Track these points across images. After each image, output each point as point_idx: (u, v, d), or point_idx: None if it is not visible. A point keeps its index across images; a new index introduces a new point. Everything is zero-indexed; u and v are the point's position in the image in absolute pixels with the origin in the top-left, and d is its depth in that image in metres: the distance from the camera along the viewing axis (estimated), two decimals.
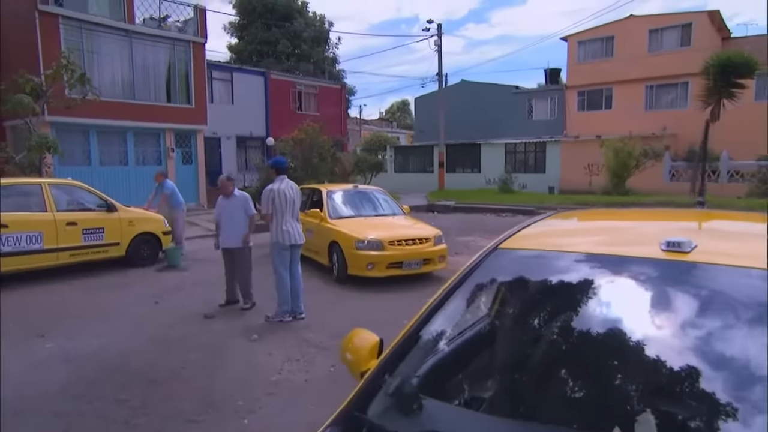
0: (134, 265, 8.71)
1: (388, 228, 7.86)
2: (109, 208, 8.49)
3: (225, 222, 6.27)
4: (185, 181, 17.01)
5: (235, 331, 5.40)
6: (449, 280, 1.87)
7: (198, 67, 17.13)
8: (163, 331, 5.38)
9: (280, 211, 5.68)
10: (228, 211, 6.27)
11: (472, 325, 1.75)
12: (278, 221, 5.69)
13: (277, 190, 5.72)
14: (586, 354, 1.44)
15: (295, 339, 5.11)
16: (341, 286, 7.32)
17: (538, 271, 1.78)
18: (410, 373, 1.57)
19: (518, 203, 17.99)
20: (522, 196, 20.24)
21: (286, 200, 5.74)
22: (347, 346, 1.89)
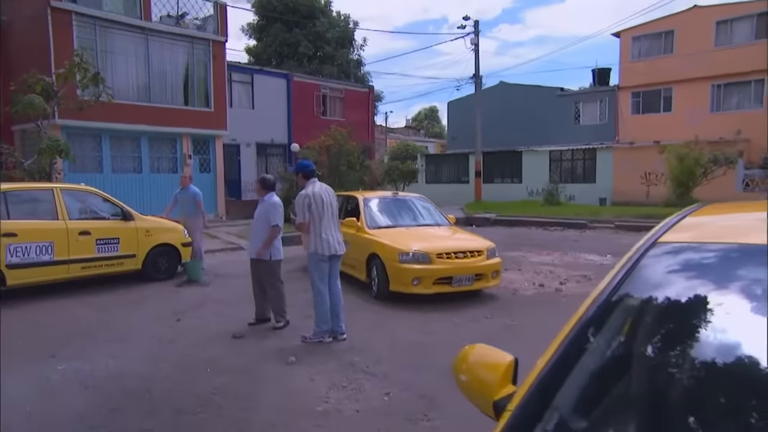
0: (151, 279, 8.59)
1: (434, 239, 7.57)
2: (125, 217, 8.40)
3: (253, 228, 6.07)
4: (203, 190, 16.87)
5: (268, 352, 5.14)
6: (602, 283, 1.51)
7: (218, 68, 17.27)
8: (187, 352, 5.15)
9: (317, 217, 5.47)
10: (256, 215, 6.09)
11: (656, 341, 1.39)
12: (316, 229, 5.47)
13: (312, 195, 5.50)
14: None
15: (337, 363, 4.81)
16: (382, 303, 7.02)
17: (730, 268, 1.43)
18: (581, 409, 1.22)
19: (568, 216, 17.44)
20: (571, 208, 19.67)
21: (323, 205, 5.53)
22: (463, 366, 1.55)
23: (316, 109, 23.93)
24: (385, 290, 7.16)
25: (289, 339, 5.56)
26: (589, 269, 9.40)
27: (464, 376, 1.52)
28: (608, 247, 12.04)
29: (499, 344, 4.49)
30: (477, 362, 1.51)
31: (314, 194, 5.50)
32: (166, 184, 16.34)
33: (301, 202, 5.48)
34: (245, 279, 8.75)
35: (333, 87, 25.03)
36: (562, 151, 25.39)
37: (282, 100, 22.63)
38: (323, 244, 5.46)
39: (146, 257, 8.57)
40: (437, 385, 4.26)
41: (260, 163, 21.97)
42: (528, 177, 26.67)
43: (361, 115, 25.35)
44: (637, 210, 17.21)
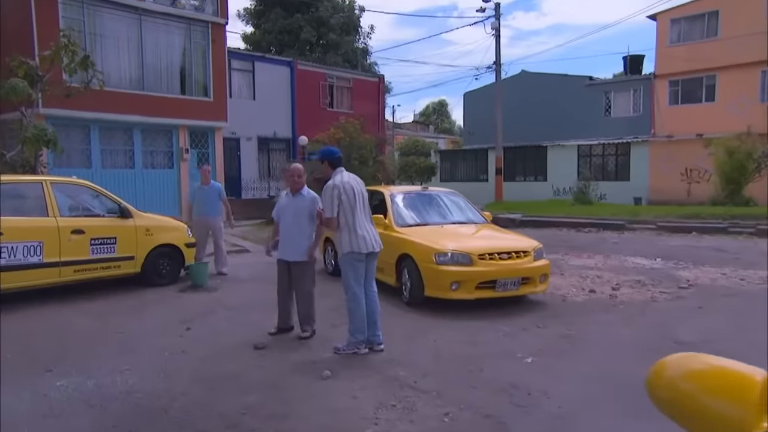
0: (151, 284, 8.32)
1: (473, 238, 7.31)
2: (123, 214, 8.13)
3: (286, 226, 5.76)
4: None
5: (298, 365, 4.84)
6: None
7: (217, 54, 17.06)
8: (203, 365, 4.86)
9: (349, 211, 5.21)
10: (292, 211, 5.75)
11: None
12: (349, 225, 5.21)
13: (341, 186, 5.23)
14: None
15: (380, 377, 4.51)
16: (416, 310, 6.73)
17: None
18: None
19: (603, 216, 17.11)
20: (606, 207, 19.34)
21: (354, 196, 5.27)
22: (675, 383, 1.18)
23: (322, 101, 23.71)
24: (418, 295, 6.86)
25: (318, 350, 5.27)
26: (641, 273, 9.09)
27: (679, 399, 1.16)
28: (654, 249, 11.74)
29: (562, 357, 4.18)
30: (703, 378, 1.14)
31: (344, 184, 5.25)
32: (161, 181, 16.13)
33: (330, 194, 5.20)
34: (254, 284, 8.59)
35: (340, 76, 24.82)
36: (591, 146, 25.10)
37: (285, 91, 22.42)
38: (359, 240, 5.20)
39: (146, 259, 8.30)
40: (499, 404, 3.96)
41: (262, 159, 21.76)
42: (554, 174, 26.38)
43: (371, 107, 25.09)
44: (681, 210, 16.87)
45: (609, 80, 27.00)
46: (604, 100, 26.40)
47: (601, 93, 26.50)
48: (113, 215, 8.12)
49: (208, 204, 9.17)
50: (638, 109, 25.29)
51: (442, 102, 75.49)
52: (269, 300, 7.19)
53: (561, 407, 3.86)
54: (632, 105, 25.55)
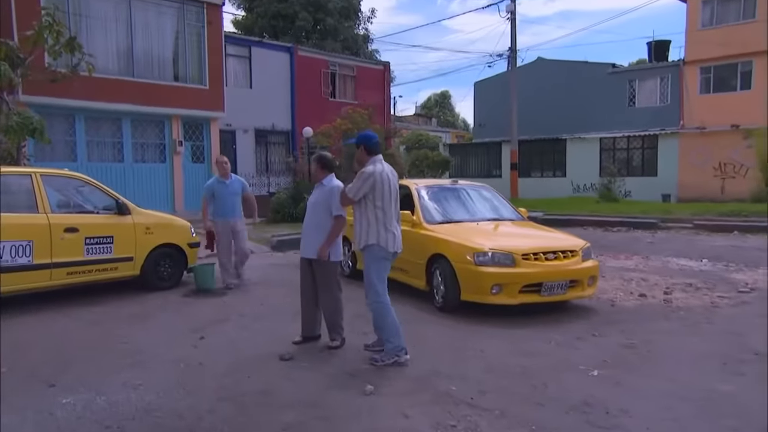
0: (151, 288, 8.06)
1: (514, 236, 7.09)
2: (120, 210, 7.86)
3: (307, 221, 5.53)
4: (195, 184, 16.56)
5: (334, 379, 4.60)
6: None
7: (213, 37, 16.81)
8: (227, 379, 4.60)
9: (384, 205, 5.03)
10: (312, 203, 5.55)
11: None
12: (379, 219, 5.02)
13: (380, 174, 5.03)
14: None
15: (430, 393, 4.27)
16: (451, 317, 6.50)
17: None
18: None
19: (633, 214, 16.89)
20: (636, 205, 19.12)
21: (390, 190, 5.08)
22: None
23: (323, 90, 23.48)
24: (453, 300, 6.62)
25: (352, 361, 5.03)
26: (690, 276, 8.87)
27: None
28: (696, 250, 11.55)
29: (632, 370, 3.90)
30: None
31: (383, 174, 5.05)
32: (153, 176, 15.88)
33: (364, 179, 4.98)
34: (266, 288, 8.36)
35: (343, 63, 24.58)
36: (615, 139, 24.89)
37: (284, 79, 22.18)
38: (388, 236, 5.02)
39: (146, 260, 8.03)
40: (576, 425, 3.72)
41: (259, 153, 21.53)
42: (573, 170, 26.17)
43: (376, 97, 24.86)
44: (719, 207, 16.67)
45: (634, 67, 26.77)
46: (628, 89, 26.19)
47: (625, 81, 26.30)
48: (110, 212, 7.86)
49: (231, 202, 8.18)
50: (665, 99, 25.08)
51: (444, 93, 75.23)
52: (285, 305, 7.07)
53: (649, 429, 3.61)
54: (659, 94, 25.34)
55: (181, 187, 16.26)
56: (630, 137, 24.49)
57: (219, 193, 8.14)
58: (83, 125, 14.88)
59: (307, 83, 22.63)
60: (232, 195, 8.19)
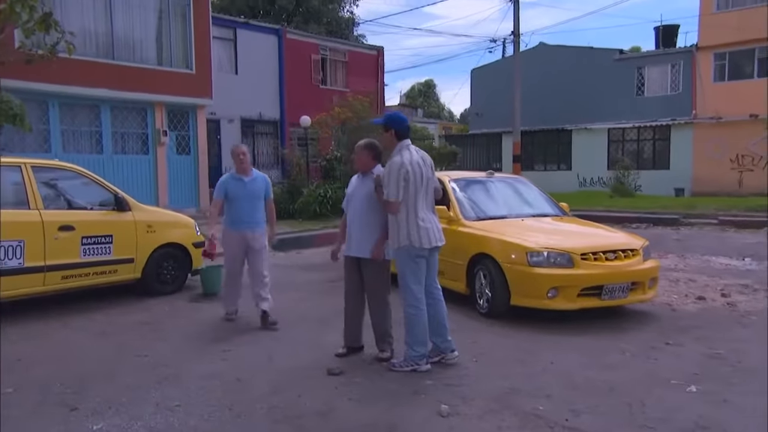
0: (152, 292, 7.68)
1: (568, 234, 6.84)
2: (120, 206, 7.44)
3: (354, 214, 5.21)
4: (180, 178, 16.14)
5: (397, 397, 4.29)
6: None
7: (200, 17, 16.31)
8: (276, 399, 4.26)
9: (412, 197, 4.80)
10: (361, 195, 5.18)
11: None
12: (409, 213, 4.80)
13: (410, 164, 4.78)
14: None
15: (514, 413, 3.97)
16: (500, 323, 6.23)
17: None
18: None
19: (652, 210, 16.82)
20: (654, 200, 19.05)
21: (421, 179, 4.88)
22: None
23: (314, 76, 23.08)
24: (502, 305, 6.34)
25: (411, 376, 4.72)
26: (740, 276, 8.71)
27: None
28: (731, 248, 11.47)
29: (733, 386, 3.59)
30: None
31: (413, 163, 4.80)
32: (134, 169, 15.37)
33: (396, 174, 4.73)
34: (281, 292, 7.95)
35: (334, 48, 24.17)
36: (624, 130, 24.85)
37: (272, 64, 21.73)
38: (421, 233, 4.79)
39: (148, 262, 7.63)
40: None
41: (246, 144, 20.96)
42: (580, 162, 26.12)
43: (369, 84, 24.51)
44: (745, 202, 16.66)
45: (642, 54, 26.71)
46: (636, 76, 26.15)
47: (633, 69, 26.25)
48: (107, 208, 7.44)
49: (250, 208, 6.35)
50: (677, 87, 25.08)
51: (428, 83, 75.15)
52: (308, 311, 6.82)
53: None
54: (669, 82, 25.34)
55: (166, 181, 15.75)
56: (641, 128, 24.47)
57: (234, 194, 6.31)
58: (57, 112, 14.29)
59: (296, 69, 22.19)
60: (252, 198, 6.36)
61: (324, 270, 9.52)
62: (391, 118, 5.04)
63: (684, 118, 23.86)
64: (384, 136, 4.98)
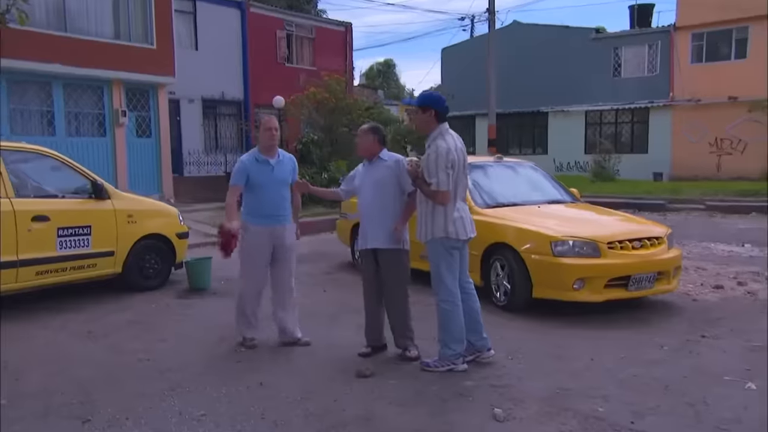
0: (134, 288, 7.38)
1: (591, 221, 6.82)
2: (98, 193, 7.08)
3: (367, 204, 5.06)
4: (141, 162, 15.59)
5: (442, 400, 4.15)
6: None
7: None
8: (311, 406, 4.08)
9: (453, 184, 4.69)
10: (371, 183, 5.05)
11: None
12: (447, 205, 4.70)
13: (455, 150, 4.69)
14: None
15: (573, 415, 3.88)
16: (521, 317, 6.15)
17: None
18: None
19: (637, 195, 17.07)
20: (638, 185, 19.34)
21: (463, 167, 4.79)
22: None
23: (279, 54, 22.58)
24: (523, 297, 6.26)
25: (448, 376, 4.59)
26: (746, 264, 8.86)
27: None
28: (726, 234, 11.75)
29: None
30: None
31: (456, 150, 4.70)
32: (90, 152, 14.76)
33: (445, 160, 4.58)
34: None
35: (301, 24, 23.71)
36: (602, 112, 25.13)
37: (235, 40, 21.15)
38: (457, 224, 4.70)
39: (129, 255, 7.29)
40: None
41: (208, 126, 20.52)
42: (556, 146, 26.36)
43: (337, 63, 24.16)
44: (730, 186, 17.05)
45: (619, 34, 26.95)
46: (613, 57, 26.43)
47: (610, 49, 26.50)
48: (84, 195, 7.07)
49: (279, 197, 5.33)
50: (654, 68, 25.44)
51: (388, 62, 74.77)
52: (314, 307, 6.56)
53: None
54: (647, 63, 25.68)
55: (125, 167, 15.19)
56: (618, 110, 24.80)
57: (259, 179, 5.22)
58: (4, 90, 13.57)
59: (260, 46, 21.65)
60: (281, 185, 5.33)
61: (315, 261, 9.34)
62: (431, 98, 4.88)
63: (662, 101, 24.26)
64: (421, 117, 4.80)
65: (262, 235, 5.23)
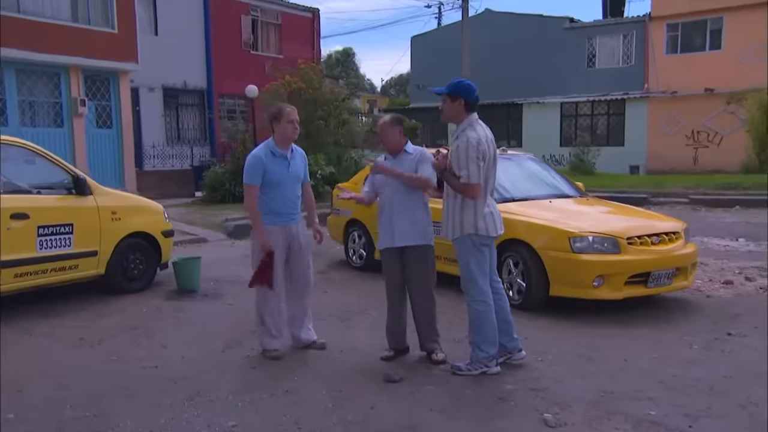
0: (118, 290, 7.14)
1: (606, 216, 6.86)
2: (79, 189, 6.79)
3: (390, 201, 4.98)
4: (102, 155, 15.16)
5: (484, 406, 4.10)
6: None
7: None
8: (348, 414, 3.98)
9: (483, 178, 4.64)
10: (395, 182, 4.96)
11: None
12: (477, 199, 4.66)
13: (485, 142, 4.63)
14: None
15: (628, 421, 3.86)
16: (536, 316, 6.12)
17: None
18: None
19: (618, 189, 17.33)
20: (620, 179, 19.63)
21: (493, 160, 4.75)
22: None
23: (244, 41, 22.24)
24: (540, 295, 6.27)
25: (482, 380, 4.55)
26: (746, 258, 9.03)
27: None
28: (717, 228, 12.00)
29: None
30: None
31: (488, 142, 4.66)
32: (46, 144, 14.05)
33: (476, 152, 4.52)
34: None
35: (266, 8, 23.35)
36: (578, 104, 25.46)
37: (197, 25, 20.80)
38: (487, 220, 4.65)
39: (113, 255, 7.03)
40: None
41: (170, 116, 20.09)
42: (530, 139, 26.61)
43: (305, 51, 23.90)
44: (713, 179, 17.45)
45: (593, 23, 27.37)
46: (587, 47, 26.82)
47: (584, 39, 26.90)
48: (64, 191, 6.80)
49: (294, 194, 5.19)
50: (629, 59, 25.91)
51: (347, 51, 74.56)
52: (317, 309, 6.33)
53: None
54: (622, 54, 26.15)
55: (84, 160, 14.74)
56: (594, 102, 25.17)
57: (276, 176, 4.99)
58: None
59: (224, 32, 21.27)
60: (296, 181, 5.19)
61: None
62: (461, 87, 4.75)
63: (637, 92, 24.71)
64: (450, 106, 4.71)
65: (277, 235, 5.04)
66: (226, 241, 11.05)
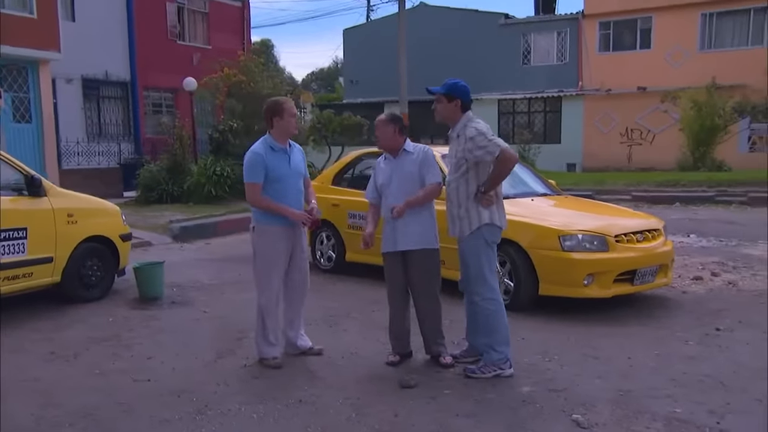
0: (74, 299, 6.84)
1: (590, 215, 7.07)
2: (33, 189, 6.47)
3: (394, 202, 4.94)
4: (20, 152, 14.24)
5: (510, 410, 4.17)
6: None
7: None
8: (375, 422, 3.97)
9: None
10: (398, 180, 4.99)
11: None
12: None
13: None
14: None
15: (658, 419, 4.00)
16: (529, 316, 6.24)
17: None
18: None
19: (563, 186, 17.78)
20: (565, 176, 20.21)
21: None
22: None
23: (170, 29, 21.64)
24: (529, 295, 6.40)
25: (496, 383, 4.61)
26: (703, 254, 9.50)
27: None
28: None
29: None
30: None
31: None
32: None
33: (488, 130, 4.77)
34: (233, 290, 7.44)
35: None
36: (515, 101, 26.08)
37: (119, 10, 20.16)
38: (500, 210, 4.84)
39: (69, 261, 6.71)
40: None
41: (90, 110, 19.29)
42: None
43: (234, 41, 23.57)
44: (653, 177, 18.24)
45: (528, 20, 28.10)
46: (522, 44, 27.51)
47: (519, 35, 27.57)
48: (16, 193, 6.45)
49: (296, 192, 5.06)
50: (563, 57, 26.76)
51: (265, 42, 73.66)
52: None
53: None
54: (556, 51, 26.98)
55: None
56: (531, 99, 25.83)
57: (278, 172, 4.88)
58: None
59: (148, 19, 20.64)
60: (297, 176, 5.07)
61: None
62: (457, 88, 4.84)
63: (572, 90, 25.55)
64: (446, 106, 4.85)
65: (281, 237, 4.94)
66: (172, 245, 10.72)
